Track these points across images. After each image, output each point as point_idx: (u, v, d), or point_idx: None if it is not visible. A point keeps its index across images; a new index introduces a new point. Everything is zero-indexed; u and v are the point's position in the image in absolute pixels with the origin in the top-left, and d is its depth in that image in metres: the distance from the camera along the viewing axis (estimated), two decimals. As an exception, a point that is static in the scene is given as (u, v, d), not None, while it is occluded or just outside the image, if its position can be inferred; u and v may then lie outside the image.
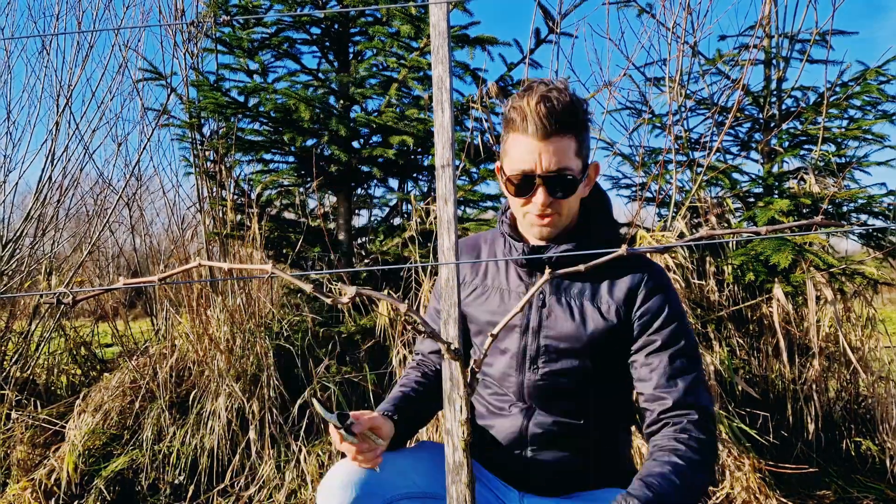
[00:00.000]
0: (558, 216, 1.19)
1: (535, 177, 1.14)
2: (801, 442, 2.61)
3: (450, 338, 0.75)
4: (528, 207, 1.18)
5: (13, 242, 3.83)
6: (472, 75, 3.19)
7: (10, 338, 3.60)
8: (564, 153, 1.13)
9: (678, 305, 1.22)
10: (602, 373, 1.23)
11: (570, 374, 1.22)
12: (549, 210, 1.17)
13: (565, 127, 1.12)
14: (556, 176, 1.13)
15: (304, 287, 0.67)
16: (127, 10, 4.57)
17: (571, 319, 1.21)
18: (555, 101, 1.12)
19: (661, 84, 3.42)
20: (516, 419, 1.25)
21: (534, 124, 1.11)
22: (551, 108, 1.11)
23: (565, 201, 1.17)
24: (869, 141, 3.12)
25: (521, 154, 1.14)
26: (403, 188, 3.66)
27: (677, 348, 1.18)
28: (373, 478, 1.17)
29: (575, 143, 1.15)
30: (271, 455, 2.50)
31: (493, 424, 1.29)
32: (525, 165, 1.14)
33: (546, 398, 1.24)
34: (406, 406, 1.28)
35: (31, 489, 2.50)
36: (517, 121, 1.14)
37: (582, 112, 1.16)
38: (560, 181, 1.14)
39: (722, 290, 2.81)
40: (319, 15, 3.23)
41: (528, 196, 1.16)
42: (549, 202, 1.15)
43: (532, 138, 1.12)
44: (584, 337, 1.20)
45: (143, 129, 4.21)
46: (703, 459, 1.09)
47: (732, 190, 3.17)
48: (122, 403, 2.86)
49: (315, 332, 2.82)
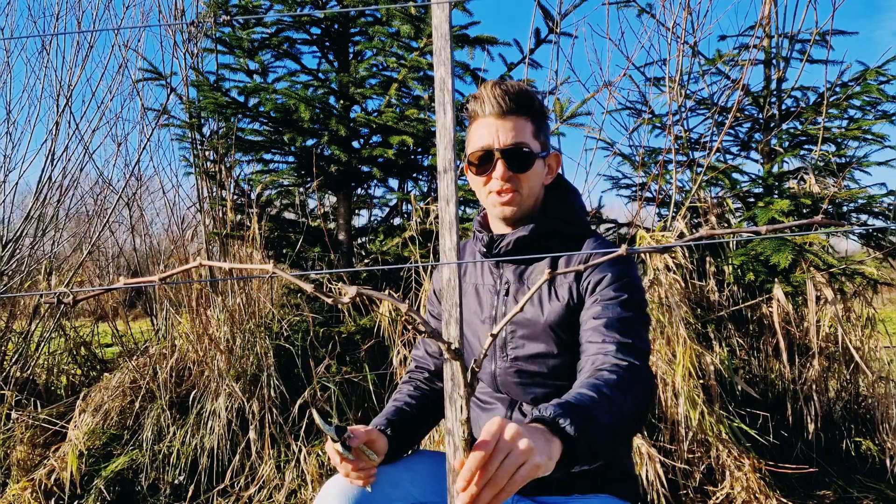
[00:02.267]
0: (518, 194, 1.22)
1: (494, 151, 1.20)
2: (801, 442, 2.61)
3: (451, 338, 0.75)
4: (489, 185, 1.23)
5: (13, 242, 3.83)
6: (472, 75, 3.19)
7: (10, 338, 3.60)
8: (521, 130, 1.21)
9: (625, 270, 1.19)
10: (569, 357, 1.20)
11: (537, 359, 1.22)
12: (509, 185, 1.21)
13: (520, 108, 1.21)
14: (513, 149, 1.20)
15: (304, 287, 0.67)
16: (127, 10, 4.58)
17: (531, 304, 1.23)
18: (509, 86, 1.21)
19: (661, 84, 3.42)
20: (500, 412, 1.27)
21: (490, 104, 1.20)
22: (506, 89, 1.21)
23: (524, 177, 1.22)
24: (869, 141, 3.13)
25: (481, 135, 1.22)
26: (403, 188, 3.66)
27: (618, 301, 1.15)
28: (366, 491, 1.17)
29: (531, 126, 1.23)
30: (271, 455, 2.50)
31: (477, 419, 1.31)
32: (484, 142, 1.21)
33: (518, 385, 1.24)
34: (400, 421, 1.27)
35: (31, 489, 2.50)
36: (475, 108, 1.23)
37: (536, 101, 1.24)
38: (517, 154, 1.20)
39: (722, 290, 2.81)
40: (319, 15, 3.22)
41: (489, 172, 1.22)
42: (508, 176, 1.20)
43: (490, 117, 1.21)
44: (541, 319, 1.22)
45: (143, 129, 4.21)
46: (622, 380, 1.02)
47: (732, 190, 3.17)
48: (122, 403, 2.86)
49: (315, 332, 2.82)
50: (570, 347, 1.22)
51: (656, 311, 2.48)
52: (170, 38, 3.79)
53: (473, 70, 3.18)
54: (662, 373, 2.39)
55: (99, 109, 4.14)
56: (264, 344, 2.70)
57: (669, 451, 2.37)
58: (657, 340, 2.43)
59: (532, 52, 3.14)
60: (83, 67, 4.05)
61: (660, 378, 2.39)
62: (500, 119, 1.20)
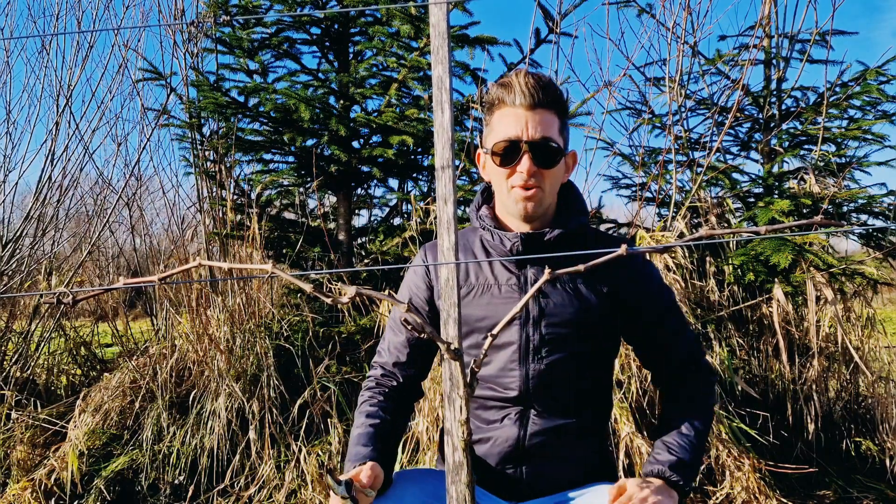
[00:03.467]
0: (541, 191, 1.19)
1: (521, 143, 1.17)
2: (801, 442, 2.61)
3: (450, 338, 0.75)
4: (512, 179, 1.19)
5: (13, 242, 3.83)
6: (471, 75, 3.19)
7: (10, 338, 3.60)
8: (549, 125, 1.18)
9: (656, 270, 1.35)
10: (598, 357, 1.28)
11: (573, 360, 1.22)
12: (533, 181, 1.18)
13: (551, 101, 1.18)
14: (541, 142, 1.17)
15: (304, 287, 0.67)
16: (127, 10, 4.57)
17: (571, 304, 1.21)
18: (540, 77, 1.20)
19: (661, 84, 3.42)
20: (511, 430, 1.22)
21: (521, 94, 1.17)
22: (539, 80, 1.18)
23: (548, 173, 1.19)
24: (869, 141, 3.12)
25: (507, 124, 1.18)
26: (403, 188, 3.66)
27: (672, 307, 1.31)
28: None
29: (558, 121, 1.21)
30: (271, 455, 2.50)
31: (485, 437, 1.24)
32: (511, 133, 1.17)
33: (546, 388, 1.22)
34: (383, 445, 1.22)
35: (31, 489, 2.50)
36: (504, 96, 1.19)
37: (563, 96, 1.23)
38: (545, 149, 1.17)
39: (722, 290, 2.81)
40: (319, 15, 3.22)
41: (514, 165, 1.18)
42: (534, 171, 1.17)
43: (520, 108, 1.17)
44: (586, 320, 1.22)
45: (143, 129, 4.20)
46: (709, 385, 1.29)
47: (732, 190, 3.17)
48: (122, 403, 2.86)
49: (315, 332, 2.82)
50: (602, 347, 1.28)
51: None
52: (170, 38, 3.79)
53: (473, 70, 3.18)
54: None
55: (99, 109, 4.14)
56: (264, 344, 2.70)
57: (669, 451, 2.36)
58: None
59: (532, 52, 3.14)
60: (83, 67, 4.04)
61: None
62: (529, 111, 1.17)
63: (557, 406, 1.23)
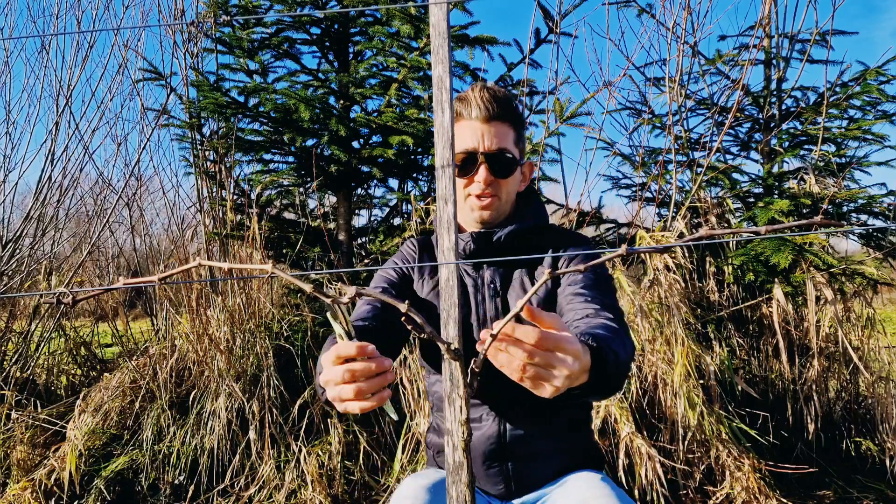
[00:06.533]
0: (497, 199, 1.25)
1: (478, 154, 1.23)
2: (801, 442, 2.61)
3: (450, 338, 0.75)
4: (470, 188, 1.25)
5: (13, 242, 3.83)
6: (471, 75, 3.19)
7: (10, 338, 3.60)
8: (504, 137, 1.24)
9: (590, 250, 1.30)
10: None
11: None
12: (490, 190, 1.24)
13: (505, 114, 1.24)
14: (497, 154, 1.23)
15: (304, 287, 0.67)
16: (127, 10, 4.57)
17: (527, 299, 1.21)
18: (496, 91, 1.25)
19: (661, 84, 3.43)
20: (491, 427, 1.23)
21: (477, 108, 1.23)
22: (493, 94, 1.24)
23: (504, 183, 1.25)
24: (869, 141, 3.13)
25: (465, 136, 1.24)
26: (403, 188, 3.66)
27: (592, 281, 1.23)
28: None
29: (513, 133, 1.26)
30: (271, 455, 2.50)
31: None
32: (468, 145, 1.23)
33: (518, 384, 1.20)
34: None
35: (31, 489, 2.50)
36: (462, 109, 1.25)
37: (518, 109, 1.29)
38: (500, 160, 1.23)
39: (722, 290, 2.81)
40: (319, 15, 3.22)
41: (471, 175, 1.24)
42: (490, 181, 1.23)
43: (476, 121, 1.23)
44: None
45: (142, 129, 4.20)
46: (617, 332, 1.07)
47: (732, 190, 3.17)
48: (122, 403, 2.86)
49: (315, 332, 2.81)
50: None
51: (655, 312, 2.48)
52: (170, 38, 3.79)
53: (473, 70, 3.18)
54: (662, 373, 2.39)
55: (99, 109, 4.14)
56: (264, 344, 2.70)
57: (669, 452, 2.37)
58: (657, 340, 2.43)
59: (532, 52, 3.14)
60: (83, 67, 4.05)
61: (659, 378, 2.39)
62: (485, 123, 1.23)
63: (533, 401, 1.22)
